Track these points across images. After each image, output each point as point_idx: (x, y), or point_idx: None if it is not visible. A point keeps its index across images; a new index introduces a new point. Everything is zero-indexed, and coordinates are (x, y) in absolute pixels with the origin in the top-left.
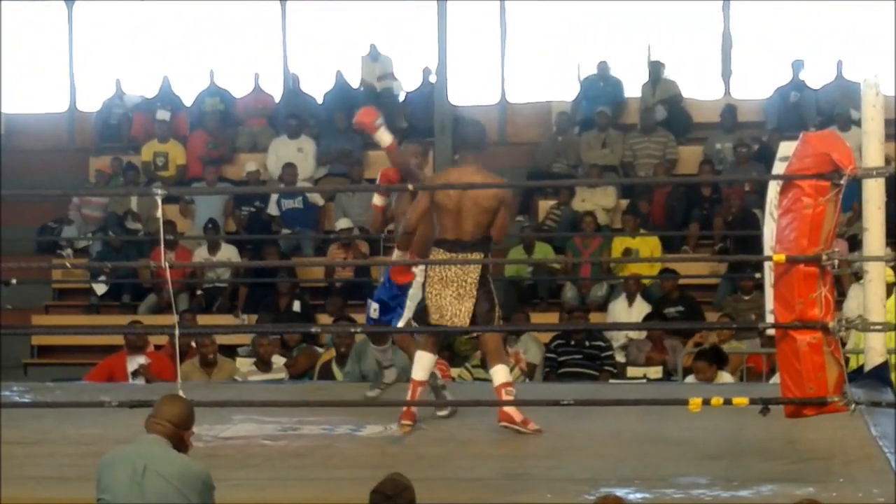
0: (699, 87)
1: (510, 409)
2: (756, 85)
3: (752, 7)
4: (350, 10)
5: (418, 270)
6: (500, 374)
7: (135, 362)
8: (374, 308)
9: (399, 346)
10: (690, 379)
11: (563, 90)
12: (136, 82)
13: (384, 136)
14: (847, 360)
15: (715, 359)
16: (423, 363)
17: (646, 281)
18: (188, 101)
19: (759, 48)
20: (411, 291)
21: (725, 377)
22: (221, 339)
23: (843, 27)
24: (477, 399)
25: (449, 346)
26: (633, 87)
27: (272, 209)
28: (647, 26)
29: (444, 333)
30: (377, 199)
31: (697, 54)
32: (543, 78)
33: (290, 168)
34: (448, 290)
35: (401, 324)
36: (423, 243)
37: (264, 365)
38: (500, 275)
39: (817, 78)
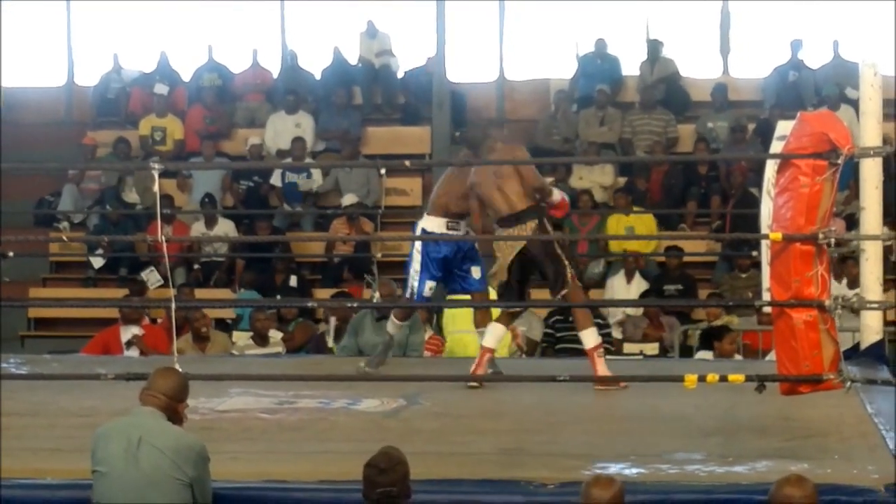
0: (697, 65)
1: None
2: (755, 64)
3: None
4: None
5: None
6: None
7: (128, 332)
8: (429, 286)
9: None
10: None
11: (561, 67)
12: (134, 57)
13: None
14: None
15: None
16: (497, 333)
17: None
18: (186, 76)
19: (757, 27)
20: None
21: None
22: (218, 314)
23: (842, 6)
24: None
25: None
26: (630, 65)
27: (276, 180)
28: (646, 4)
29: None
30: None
31: (696, 32)
32: (542, 55)
33: (299, 142)
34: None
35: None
36: None
37: (261, 339)
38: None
39: (816, 58)
